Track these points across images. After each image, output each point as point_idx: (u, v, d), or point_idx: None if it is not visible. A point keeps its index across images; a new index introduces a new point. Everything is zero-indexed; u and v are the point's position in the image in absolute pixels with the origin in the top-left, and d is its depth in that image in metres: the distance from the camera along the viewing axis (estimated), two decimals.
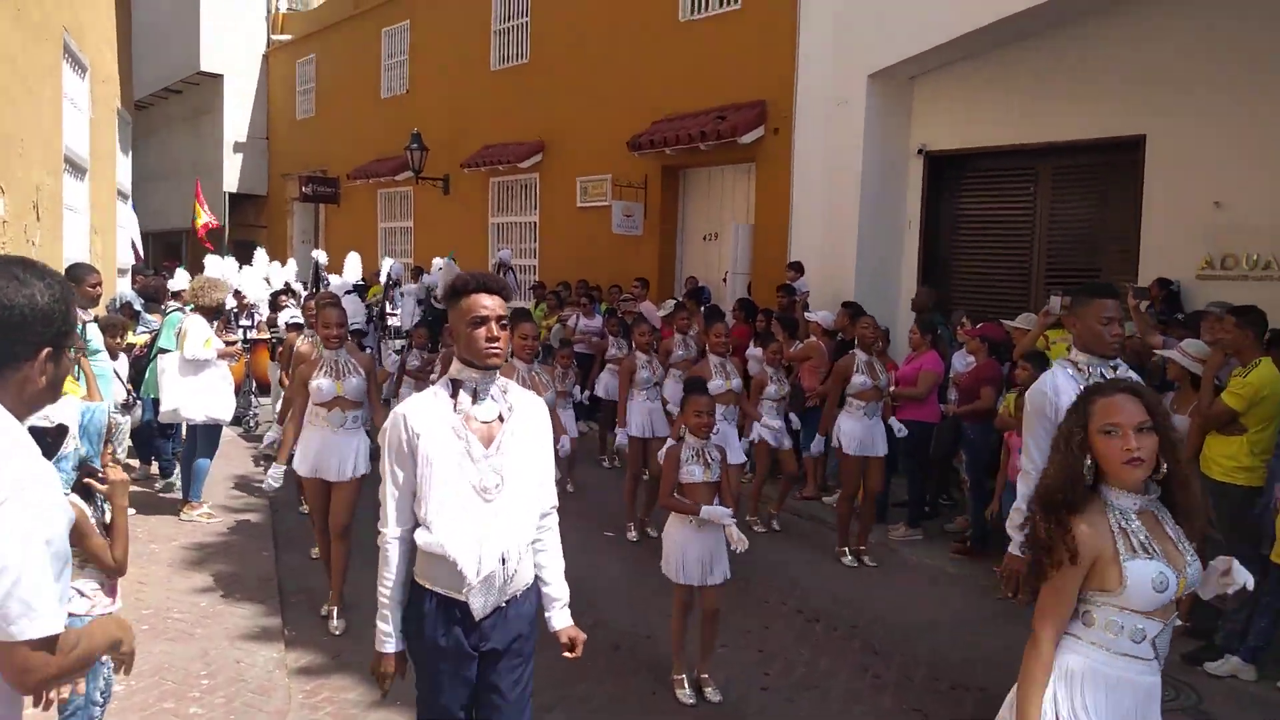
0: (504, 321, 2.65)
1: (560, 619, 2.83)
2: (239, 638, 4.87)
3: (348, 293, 11.94)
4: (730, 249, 11.18)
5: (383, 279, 13.86)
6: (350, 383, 5.12)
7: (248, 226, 23.00)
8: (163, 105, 24.75)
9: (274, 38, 22.82)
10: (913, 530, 7.26)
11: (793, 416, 7.49)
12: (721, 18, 11.45)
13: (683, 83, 11.82)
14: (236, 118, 22.79)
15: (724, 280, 11.45)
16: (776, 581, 6.12)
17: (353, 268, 13.84)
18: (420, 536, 2.61)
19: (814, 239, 10.14)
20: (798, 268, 9.69)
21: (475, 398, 2.67)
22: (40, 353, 1.73)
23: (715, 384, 6.29)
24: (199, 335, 6.78)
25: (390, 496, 2.65)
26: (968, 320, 7.36)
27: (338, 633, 5.07)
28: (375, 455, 3.43)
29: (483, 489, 2.61)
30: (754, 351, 9.14)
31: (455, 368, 2.69)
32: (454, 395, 2.67)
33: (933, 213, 9.73)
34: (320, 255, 14.03)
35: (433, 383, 3.06)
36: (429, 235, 17.13)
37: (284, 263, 15.17)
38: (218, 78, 22.48)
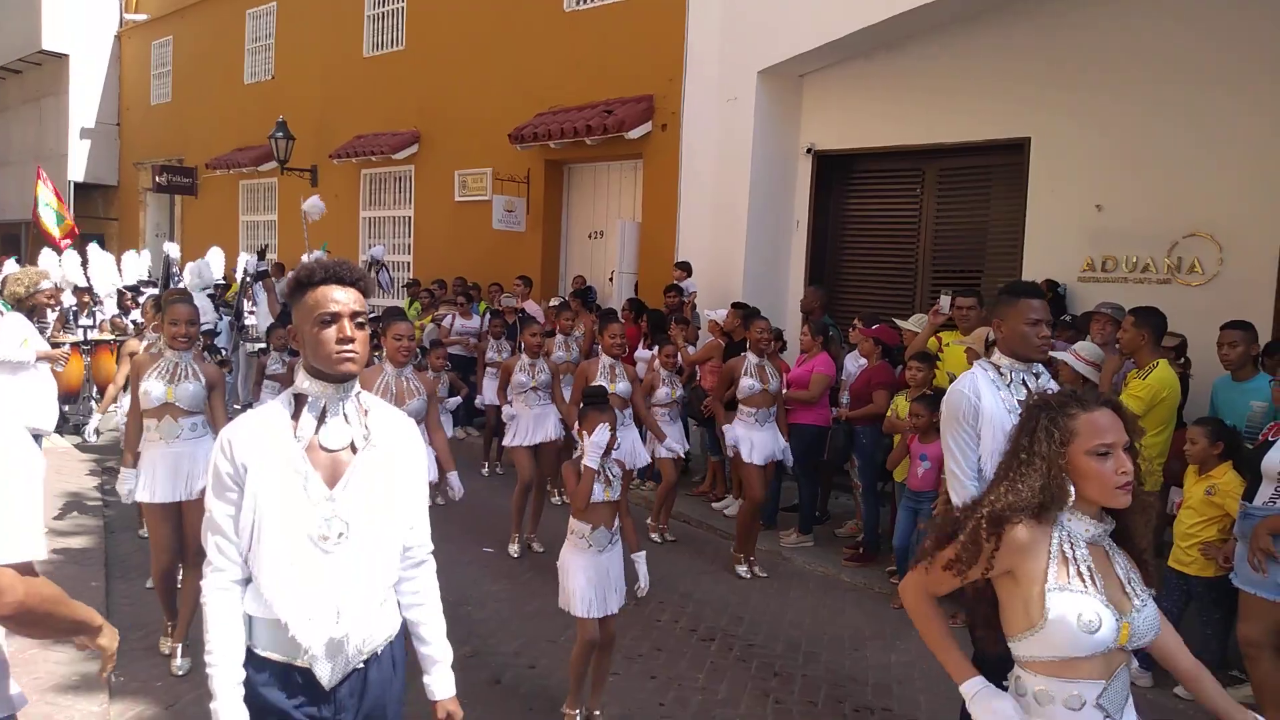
0: (360, 320, 2.17)
1: (441, 686, 2.32)
2: (53, 689, 4.18)
3: (205, 290, 11.04)
4: (616, 247, 10.81)
5: (239, 275, 12.92)
6: (185, 389, 4.48)
7: (96, 219, 21.34)
8: (0, 86, 22.78)
9: (127, 17, 21.23)
10: (804, 537, 7.04)
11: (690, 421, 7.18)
12: (609, 8, 11.07)
13: (568, 74, 11.40)
14: (84, 102, 21.07)
15: (610, 279, 11.08)
16: (667, 597, 5.75)
17: (215, 264, 12.79)
18: (248, 593, 2.13)
19: (702, 238, 9.87)
20: (685, 267, 9.40)
21: (322, 419, 2.18)
22: None
23: (597, 385, 5.89)
24: (14, 335, 5.95)
25: (214, 539, 2.13)
26: (860, 321, 7.18)
27: (180, 673, 4.45)
28: None
29: (321, 537, 2.11)
30: (643, 353, 8.82)
31: (299, 378, 2.19)
32: (295, 416, 2.18)
33: (821, 212, 9.59)
34: (173, 249, 12.94)
35: None
36: (295, 229, 16.11)
37: (139, 254, 14.03)
38: (62, 58, 20.77)
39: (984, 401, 3.38)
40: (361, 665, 2.19)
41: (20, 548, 1.76)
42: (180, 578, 4.67)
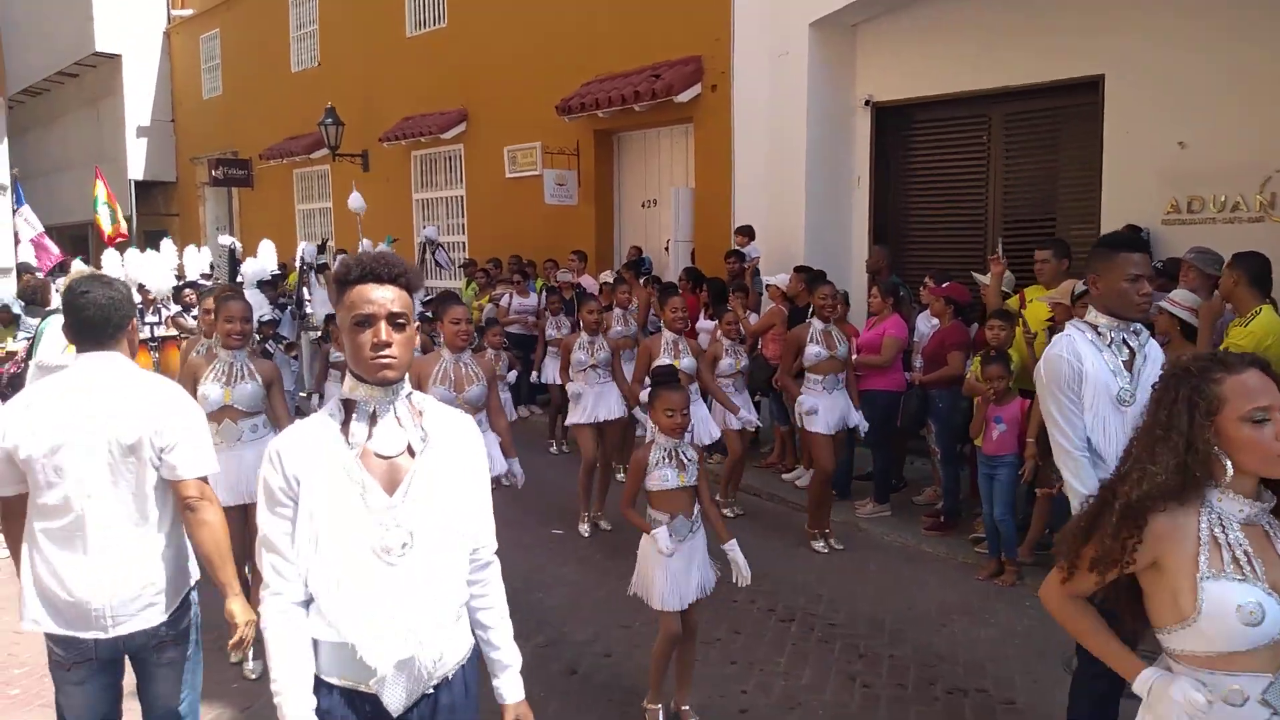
0: (400, 320, 2.01)
1: (510, 690, 2.18)
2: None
3: (262, 282, 11.07)
4: (671, 215, 10.57)
5: (297, 264, 12.95)
6: (243, 390, 4.41)
7: (157, 215, 21.72)
8: (58, 91, 23.22)
9: (174, 13, 21.43)
10: (881, 506, 6.80)
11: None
12: None
13: (611, 41, 11.13)
14: (138, 100, 21.39)
15: (665, 249, 10.85)
16: None
17: (267, 255, 12.82)
18: (310, 615, 2.00)
19: (759, 201, 9.57)
20: (748, 232, 9.12)
21: (374, 423, 2.03)
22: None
23: (662, 362, 5.71)
24: (58, 340, 5.91)
25: (270, 559, 1.99)
26: (931, 279, 6.86)
27: (253, 676, 4.42)
28: None
29: (384, 550, 1.97)
30: (705, 324, 8.61)
31: (348, 384, 2.05)
32: (346, 422, 2.04)
33: (882, 167, 9.22)
34: (232, 241, 12.99)
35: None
36: (349, 215, 16.16)
37: (199, 249, 14.16)
38: (115, 58, 21.06)
39: (1086, 365, 3.12)
40: (432, 690, 2.05)
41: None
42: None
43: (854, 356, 6.41)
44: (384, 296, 1.99)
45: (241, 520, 4.48)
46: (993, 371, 5.36)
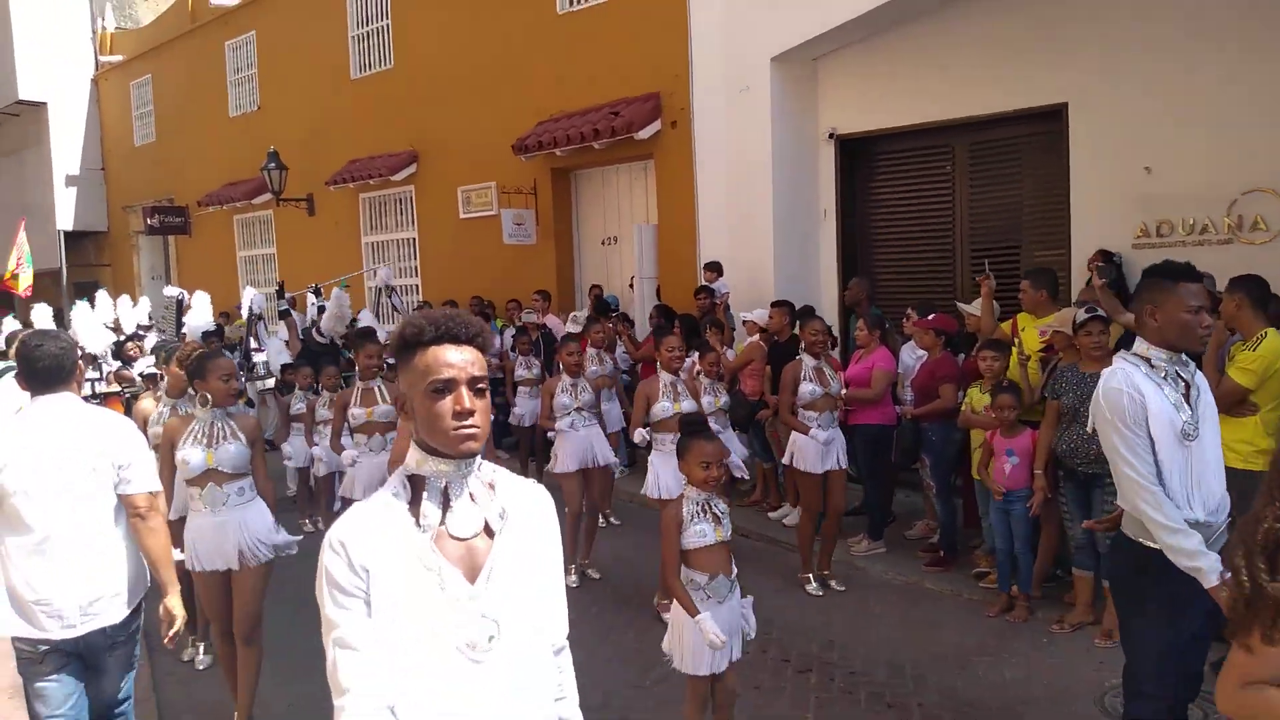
0: (480, 385, 1.80)
1: None
2: None
3: (206, 334, 10.62)
4: (634, 252, 10.42)
5: (244, 312, 12.46)
6: (226, 451, 4.09)
7: (88, 266, 20.95)
8: None
9: (103, 59, 20.84)
10: (876, 543, 6.66)
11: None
12: (604, 7, 10.68)
13: (567, 79, 11.01)
14: (66, 149, 20.70)
15: (630, 286, 10.69)
16: None
17: (202, 309, 11.96)
18: None
19: (725, 236, 9.49)
20: (716, 268, 9.01)
21: (446, 502, 1.81)
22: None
23: (662, 406, 5.52)
24: (8, 400, 5.56)
25: (348, 661, 1.71)
26: (914, 311, 6.79)
27: (201, 668, 4.12)
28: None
29: (469, 645, 1.74)
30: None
31: (414, 457, 1.82)
32: (414, 502, 1.80)
33: (849, 200, 9.21)
34: (180, 292, 12.43)
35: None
36: (295, 261, 15.77)
37: (134, 302, 13.56)
38: (40, 106, 20.39)
39: (1150, 403, 3.00)
40: None
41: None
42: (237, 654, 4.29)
43: (843, 392, 6.29)
44: (464, 359, 1.79)
45: (224, 585, 4.16)
46: (1004, 401, 5.27)
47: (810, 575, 5.99)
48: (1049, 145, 7.88)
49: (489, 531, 1.82)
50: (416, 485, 1.81)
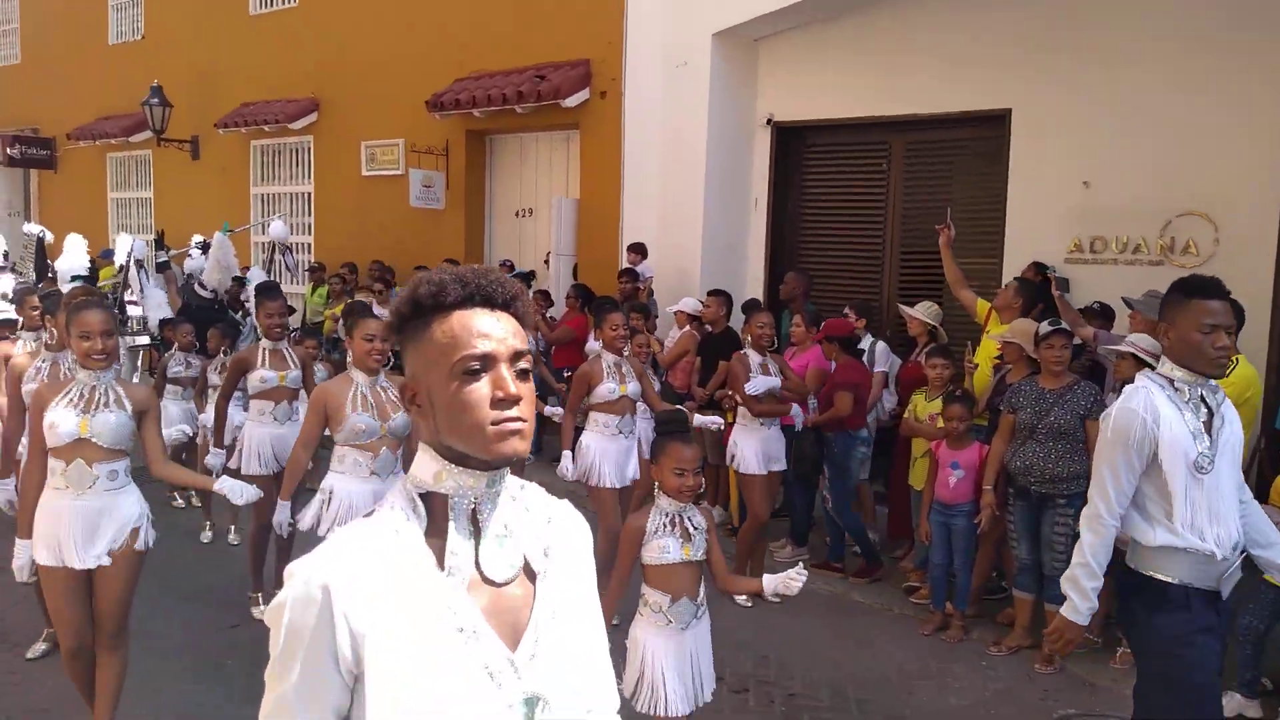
0: (524, 366, 1.33)
1: None
2: None
3: (74, 279, 9.57)
4: (551, 227, 9.90)
5: (119, 260, 11.34)
6: (105, 421, 3.42)
7: None
8: None
9: None
10: (800, 549, 6.40)
11: None
12: None
13: (489, 36, 10.35)
14: None
15: (545, 262, 10.17)
16: None
17: (75, 251, 10.93)
18: None
19: (651, 217, 9.06)
20: (640, 249, 8.59)
21: (478, 530, 1.33)
22: None
23: (608, 388, 5.06)
24: None
25: None
26: (853, 310, 6.54)
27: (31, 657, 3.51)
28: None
29: None
30: (595, 345, 8.00)
31: (430, 468, 1.33)
32: (434, 533, 1.31)
33: (781, 189, 8.91)
34: (41, 230, 11.20)
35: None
36: (175, 207, 14.55)
37: None
38: None
39: (1163, 429, 2.75)
40: None
41: None
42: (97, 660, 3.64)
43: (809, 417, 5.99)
44: (503, 329, 1.31)
45: (86, 587, 3.51)
46: (954, 412, 5.04)
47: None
48: (989, 150, 7.75)
49: (528, 573, 1.36)
50: (433, 505, 1.33)
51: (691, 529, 3.14)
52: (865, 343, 6.61)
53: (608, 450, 5.08)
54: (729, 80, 8.69)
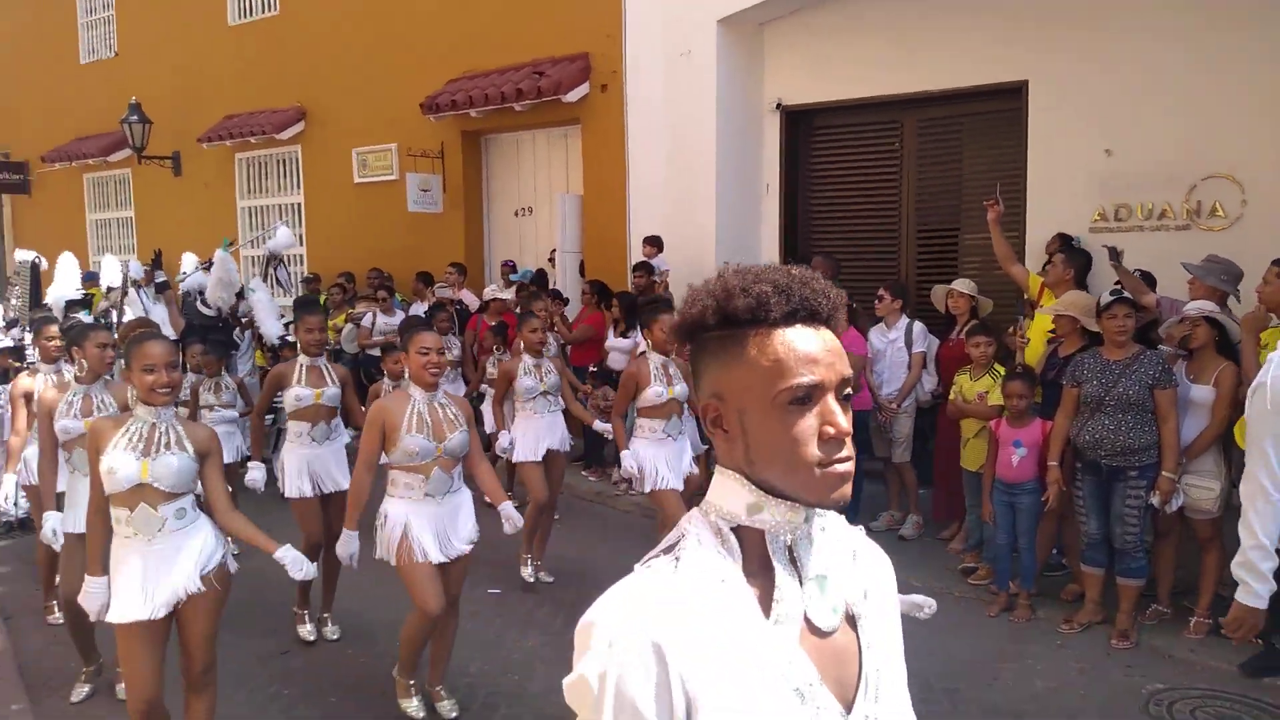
0: (847, 391, 1.16)
1: None
2: None
3: (70, 303, 9.29)
4: (556, 224, 9.72)
5: (109, 281, 11.02)
6: (166, 464, 3.17)
7: None
8: None
9: None
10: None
11: None
12: None
13: (481, 35, 10.16)
14: None
15: (550, 261, 9.98)
16: None
17: (68, 275, 10.58)
18: None
19: (659, 209, 8.91)
20: (656, 242, 8.43)
21: (800, 570, 1.16)
22: None
23: (655, 391, 4.89)
24: None
25: None
26: (887, 292, 6.42)
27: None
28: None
29: None
30: (616, 342, 7.87)
31: (744, 499, 1.15)
32: (749, 574, 1.13)
33: (792, 173, 8.79)
34: (35, 256, 10.82)
35: None
36: (157, 225, 14.25)
37: None
38: None
39: None
40: None
41: None
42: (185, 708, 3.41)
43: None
44: (830, 353, 1.14)
45: (164, 633, 3.29)
46: (1015, 389, 4.91)
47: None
48: (1006, 124, 7.65)
49: (851, 620, 1.20)
50: (747, 540, 1.16)
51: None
52: (901, 323, 6.49)
53: (659, 454, 4.93)
54: (735, 67, 8.55)
